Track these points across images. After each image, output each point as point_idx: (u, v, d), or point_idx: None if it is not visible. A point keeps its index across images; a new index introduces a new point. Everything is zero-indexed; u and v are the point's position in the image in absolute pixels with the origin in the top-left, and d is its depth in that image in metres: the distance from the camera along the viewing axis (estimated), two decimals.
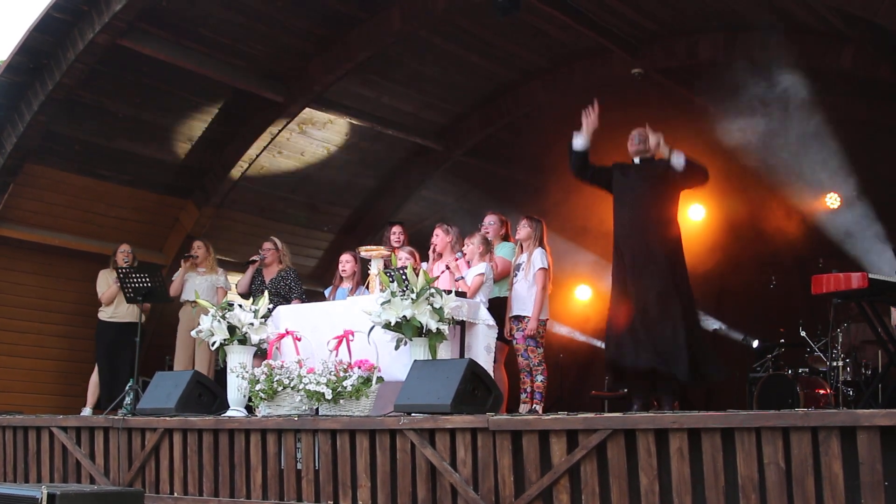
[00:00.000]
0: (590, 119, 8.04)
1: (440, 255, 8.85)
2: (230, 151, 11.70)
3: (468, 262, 8.52)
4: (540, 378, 8.43)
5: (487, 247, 8.62)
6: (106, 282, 10.41)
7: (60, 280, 11.00)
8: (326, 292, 9.75)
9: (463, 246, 8.67)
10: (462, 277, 8.35)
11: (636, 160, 8.00)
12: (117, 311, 10.36)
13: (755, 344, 11.69)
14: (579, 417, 5.85)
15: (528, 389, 8.47)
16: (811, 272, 8.35)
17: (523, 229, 8.69)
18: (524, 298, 8.52)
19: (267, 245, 10.31)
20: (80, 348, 10.92)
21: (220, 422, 7.31)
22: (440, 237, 8.84)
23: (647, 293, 7.60)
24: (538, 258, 8.55)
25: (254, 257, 10.28)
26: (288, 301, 9.74)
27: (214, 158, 11.71)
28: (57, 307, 11.01)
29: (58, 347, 11.07)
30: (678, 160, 7.71)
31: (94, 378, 10.33)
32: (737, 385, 11.90)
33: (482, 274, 8.29)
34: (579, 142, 8.06)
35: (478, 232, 8.81)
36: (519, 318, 8.54)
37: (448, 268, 8.52)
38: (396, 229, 9.72)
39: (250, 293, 9.92)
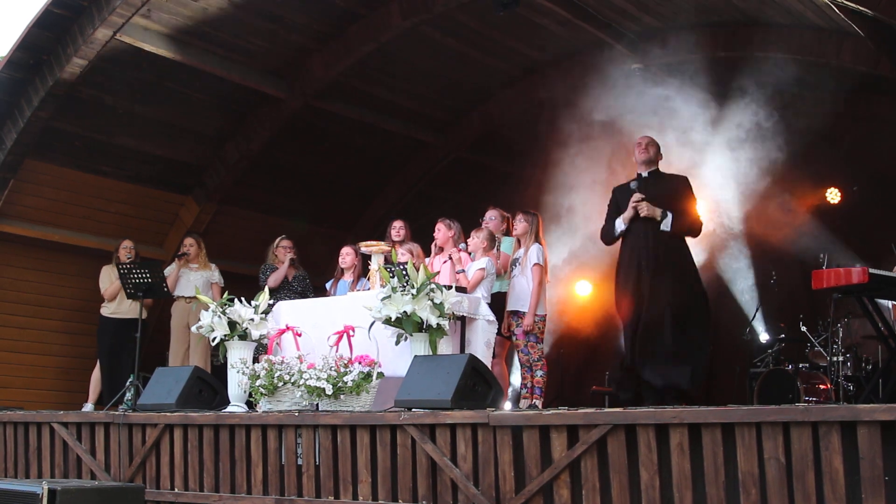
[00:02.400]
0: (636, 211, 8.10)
1: (441, 250, 8.86)
2: (230, 147, 11.71)
3: (471, 256, 8.53)
4: (539, 373, 8.44)
5: (493, 242, 8.64)
6: (108, 278, 10.40)
7: (61, 276, 11.01)
8: (328, 285, 9.77)
9: (465, 240, 8.68)
10: (463, 270, 8.36)
11: (644, 173, 8.03)
12: (120, 307, 10.36)
13: (766, 338, 11.68)
14: (580, 412, 5.85)
15: (529, 385, 8.48)
16: (812, 267, 8.35)
17: (520, 224, 8.71)
18: (521, 294, 8.54)
19: (289, 243, 10.39)
20: (81, 344, 10.93)
21: (220, 417, 7.32)
22: (442, 231, 8.85)
23: (662, 297, 7.67)
24: (534, 254, 8.56)
25: (292, 257, 10.32)
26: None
27: (214, 154, 11.72)
28: (57, 303, 11.01)
29: (58, 343, 11.08)
30: (665, 225, 7.88)
31: (96, 374, 10.35)
32: (737, 380, 11.91)
33: (483, 268, 8.29)
34: (621, 227, 8.20)
35: (485, 226, 8.82)
36: (517, 314, 8.55)
37: (451, 258, 8.53)
38: (397, 224, 9.72)
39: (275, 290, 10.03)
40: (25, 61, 9.75)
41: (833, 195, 12.62)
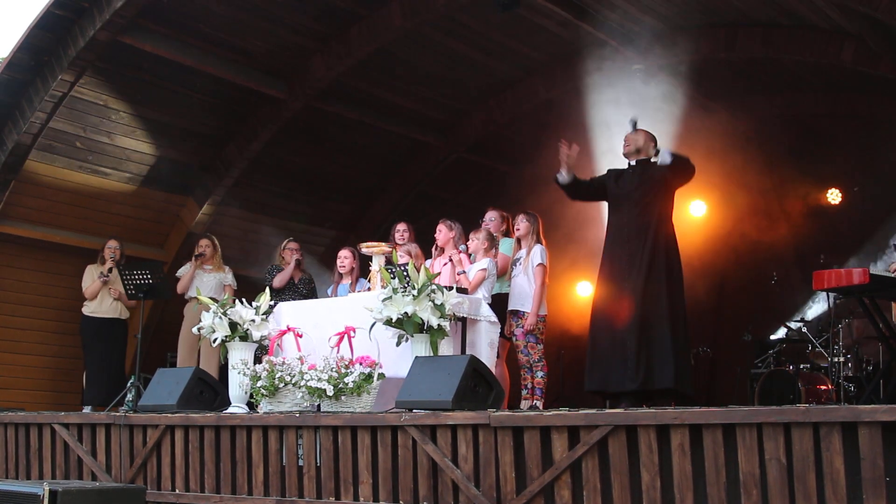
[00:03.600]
0: (566, 157, 8.12)
1: (442, 251, 8.85)
2: (231, 148, 11.71)
3: (472, 258, 8.52)
4: (540, 374, 8.44)
5: (492, 242, 8.64)
6: (91, 276, 10.37)
7: (62, 277, 11.00)
8: (328, 292, 9.75)
9: (466, 241, 8.67)
10: (464, 272, 8.36)
11: (631, 162, 8.00)
12: (101, 306, 10.35)
13: (777, 335, 11.69)
14: (581, 413, 5.85)
15: (529, 385, 8.48)
16: (812, 268, 8.35)
17: (522, 224, 8.71)
18: (522, 294, 8.54)
19: (296, 245, 10.41)
20: (82, 345, 10.92)
21: (221, 418, 7.32)
22: (443, 232, 8.84)
23: (641, 295, 7.60)
24: (537, 254, 8.57)
25: (297, 258, 10.34)
26: None
27: (215, 155, 11.72)
28: (58, 304, 11.01)
29: (59, 344, 11.08)
30: (664, 156, 7.77)
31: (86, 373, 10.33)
32: (738, 381, 11.91)
33: (484, 269, 8.30)
34: (563, 177, 8.19)
35: (484, 227, 8.82)
36: (517, 314, 8.55)
37: (451, 260, 8.53)
38: (401, 227, 9.71)
39: (279, 291, 10.02)
40: (26, 62, 9.74)
41: (833, 195, 12.62)
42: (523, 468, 6.00)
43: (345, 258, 9.56)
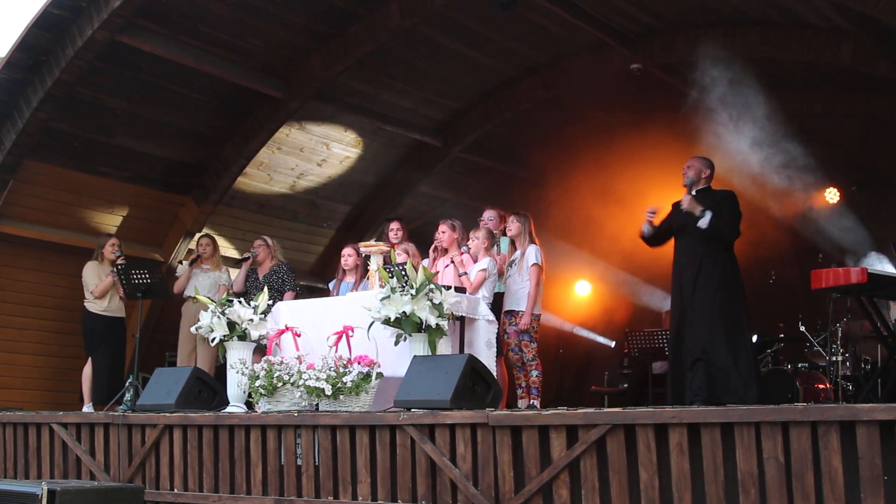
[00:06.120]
0: (650, 217, 8.19)
1: (445, 252, 8.83)
2: (229, 148, 11.70)
3: (473, 257, 8.52)
4: (535, 373, 8.45)
5: (492, 241, 8.65)
6: (97, 275, 10.17)
7: (60, 277, 10.99)
8: (330, 286, 9.75)
9: (468, 241, 8.68)
10: (466, 273, 8.37)
11: (693, 192, 7.97)
12: (110, 304, 10.26)
13: (754, 339, 11.67)
14: (579, 412, 5.86)
15: (524, 384, 8.49)
16: (811, 267, 8.35)
17: (513, 224, 8.72)
18: (517, 294, 8.55)
19: (257, 242, 10.40)
20: (81, 345, 10.89)
21: (219, 418, 7.32)
22: (447, 234, 8.80)
23: (695, 321, 7.66)
24: (532, 254, 8.58)
25: (245, 255, 10.33)
26: (282, 295, 9.75)
27: (213, 155, 11.71)
28: (56, 304, 11.00)
29: (58, 344, 11.07)
30: (702, 222, 7.74)
31: (88, 372, 10.21)
32: None
33: (484, 269, 8.30)
34: (647, 230, 8.20)
35: (483, 226, 8.82)
36: (512, 313, 8.57)
37: (453, 261, 8.53)
38: (395, 225, 9.70)
39: (246, 291, 9.98)
40: (24, 62, 9.73)
41: (832, 195, 12.62)
42: (521, 467, 6.00)
43: (348, 256, 9.54)
